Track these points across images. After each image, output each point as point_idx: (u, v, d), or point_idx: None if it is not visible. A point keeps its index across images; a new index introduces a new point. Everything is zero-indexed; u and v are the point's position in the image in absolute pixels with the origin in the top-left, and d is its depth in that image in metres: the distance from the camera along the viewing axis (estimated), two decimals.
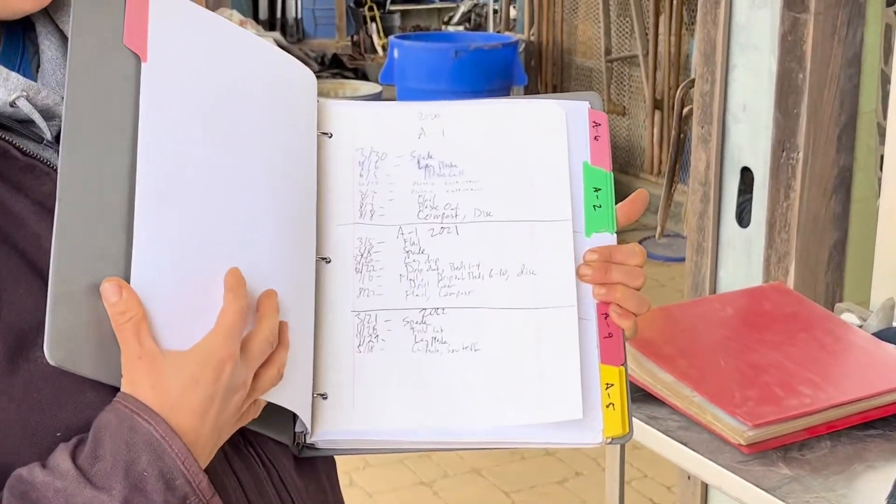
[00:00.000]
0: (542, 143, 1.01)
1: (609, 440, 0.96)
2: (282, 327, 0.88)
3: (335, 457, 1.04)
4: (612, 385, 0.96)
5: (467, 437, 0.96)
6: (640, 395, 1.63)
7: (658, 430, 1.58)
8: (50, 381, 0.81)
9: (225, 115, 0.90)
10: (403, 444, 0.97)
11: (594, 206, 1.00)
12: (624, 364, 0.98)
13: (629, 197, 1.03)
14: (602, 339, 0.97)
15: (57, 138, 0.86)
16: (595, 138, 1.02)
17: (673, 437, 1.56)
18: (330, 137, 1.01)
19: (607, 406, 0.96)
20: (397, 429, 0.96)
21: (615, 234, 1.00)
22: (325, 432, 0.95)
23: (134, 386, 0.80)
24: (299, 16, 9.41)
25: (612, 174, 1.01)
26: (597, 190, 1.00)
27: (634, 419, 1.60)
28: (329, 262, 0.98)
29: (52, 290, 0.78)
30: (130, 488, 0.78)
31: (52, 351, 0.77)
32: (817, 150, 2.30)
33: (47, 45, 0.90)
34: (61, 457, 0.79)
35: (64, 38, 0.90)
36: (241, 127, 0.91)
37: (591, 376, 0.96)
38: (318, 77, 1.03)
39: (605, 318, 0.98)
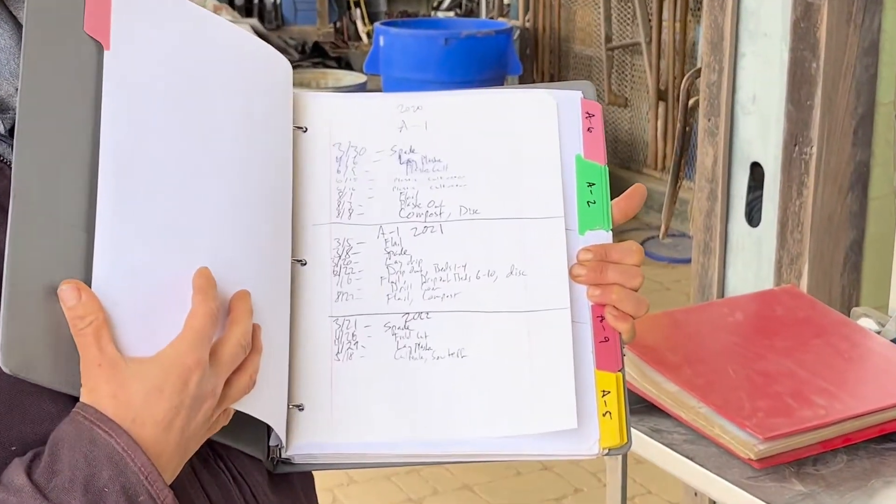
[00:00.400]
0: (532, 136, 1.01)
1: (606, 451, 0.96)
2: (255, 331, 0.87)
3: (314, 472, 1.03)
4: (609, 392, 0.97)
5: (455, 449, 0.96)
6: (642, 406, 1.62)
7: (662, 443, 1.57)
8: (3, 391, 0.80)
9: (194, 107, 0.89)
10: (387, 458, 0.96)
11: (588, 202, 1.00)
12: (621, 370, 0.98)
13: (625, 192, 1.03)
14: (597, 343, 0.98)
15: (11, 132, 0.85)
16: (588, 130, 1.02)
17: (678, 451, 1.55)
18: (305, 132, 1.00)
19: (603, 415, 0.96)
20: (380, 441, 0.95)
21: (611, 232, 1.00)
22: (302, 445, 0.95)
23: (94, 395, 0.80)
24: (278, 1, 9.40)
25: (606, 168, 1.02)
26: (590, 185, 1.01)
27: (637, 432, 1.60)
28: (305, 264, 0.97)
29: (5, 292, 0.77)
30: None
31: (6, 357, 0.76)
32: (832, 145, 2.30)
33: None
34: (16, 472, 0.78)
35: (18, 25, 0.90)
36: (211, 120, 0.90)
37: (585, 383, 0.96)
38: (298, 66, 1.03)
39: (601, 321, 0.98)
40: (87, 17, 0.84)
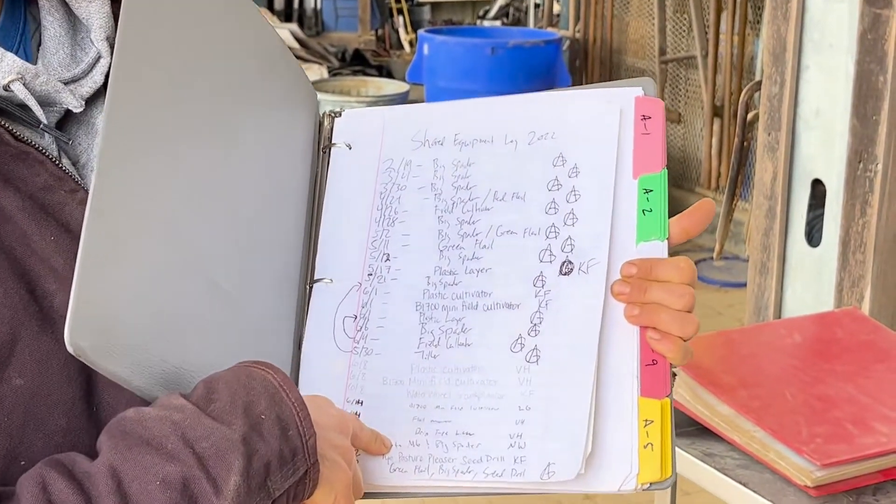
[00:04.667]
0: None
1: (646, 486, 0.91)
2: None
3: None
4: (652, 422, 0.92)
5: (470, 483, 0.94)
6: (695, 430, 1.62)
7: (715, 468, 1.57)
8: (19, 404, 0.81)
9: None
10: (407, 490, 0.96)
11: (644, 210, 0.96)
12: (669, 396, 0.93)
13: (690, 207, 0.98)
14: (643, 367, 0.93)
15: (57, 126, 0.88)
16: (643, 134, 0.98)
17: (731, 477, 1.55)
18: (350, 149, 1.04)
19: (644, 447, 0.91)
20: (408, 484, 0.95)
21: (666, 241, 0.96)
22: None
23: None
24: (318, 7, 9.46)
25: (665, 172, 0.97)
26: (647, 192, 0.97)
27: (688, 456, 1.60)
28: (331, 282, 1.01)
29: (78, 272, 0.77)
30: (250, 427, 0.80)
31: (71, 335, 0.76)
32: None
33: (50, 21, 0.91)
34: (171, 396, 0.81)
35: (69, 13, 0.92)
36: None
37: (624, 413, 0.92)
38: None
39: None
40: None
